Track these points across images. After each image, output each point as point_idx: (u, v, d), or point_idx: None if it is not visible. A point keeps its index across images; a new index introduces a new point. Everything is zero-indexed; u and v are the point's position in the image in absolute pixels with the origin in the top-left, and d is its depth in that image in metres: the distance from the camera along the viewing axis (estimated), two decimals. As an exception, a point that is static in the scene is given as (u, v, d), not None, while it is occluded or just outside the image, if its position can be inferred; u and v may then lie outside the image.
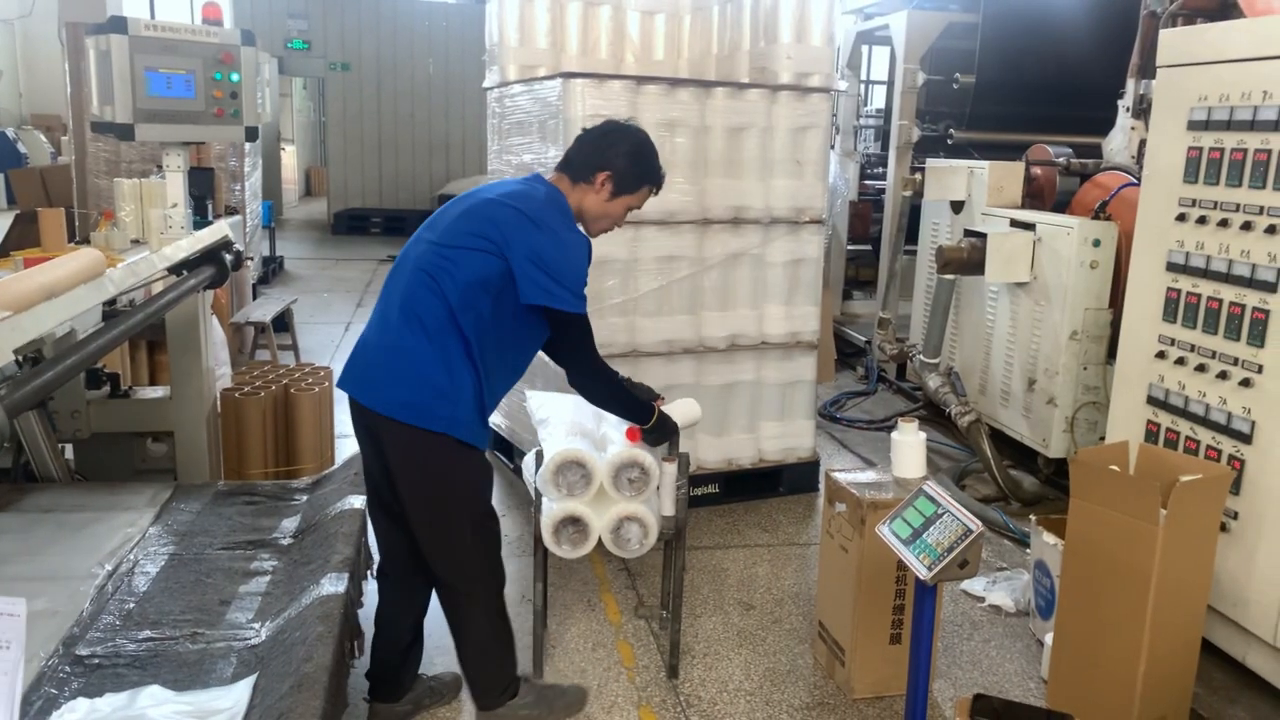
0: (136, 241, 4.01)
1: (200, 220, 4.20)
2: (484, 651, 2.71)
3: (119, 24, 3.37)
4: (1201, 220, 3.22)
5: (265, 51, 14.12)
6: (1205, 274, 3.22)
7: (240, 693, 2.31)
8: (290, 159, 19.59)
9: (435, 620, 2.87)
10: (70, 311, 2.52)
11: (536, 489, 2.91)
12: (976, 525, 2.33)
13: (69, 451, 4.02)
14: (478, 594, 2.68)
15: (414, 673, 2.92)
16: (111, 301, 3.75)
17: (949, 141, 6.78)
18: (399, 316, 2.55)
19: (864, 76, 8.40)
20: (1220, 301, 3.17)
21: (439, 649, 3.09)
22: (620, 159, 2.72)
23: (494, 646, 2.72)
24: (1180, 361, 3.32)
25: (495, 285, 2.53)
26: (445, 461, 2.55)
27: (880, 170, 7.61)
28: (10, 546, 3.06)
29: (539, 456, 2.92)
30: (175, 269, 3.46)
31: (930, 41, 6.58)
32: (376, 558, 2.91)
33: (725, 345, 4.51)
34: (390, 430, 2.52)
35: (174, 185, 3.64)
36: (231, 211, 7.82)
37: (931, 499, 2.49)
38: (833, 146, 7.27)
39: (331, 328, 8.53)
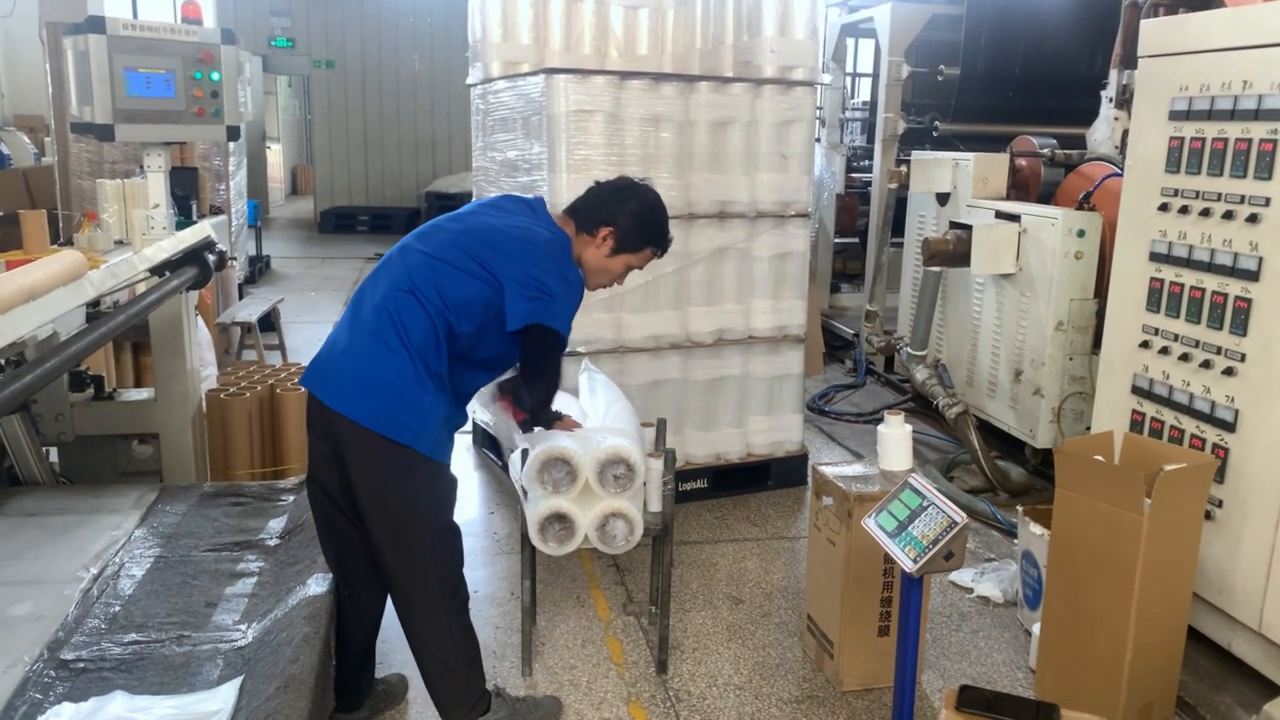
0: (120, 242, 3.99)
1: (184, 220, 4.18)
2: (445, 666, 2.64)
3: (97, 23, 3.35)
4: (1184, 210, 3.23)
5: (249, 50, 14.08)
6: (1188, 263, 3.23)
7: (226, 695, 2.30)
8: (276, 157, 19.51)
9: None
10: (48, 314, 2.50)
11: (523, 486, 2.91)
12: (961, 517, 2.34)
13: (54, 454, 4.00)
14: (436, 608, 2.60)
15: (371, 681, 2.89)
16: (95, 303, 3.73)
17: (934, 134, 6.79)
18: (376, 321, 2.49)
19: (849, 69, 8.41)
20: (1203, 291, 3.18)
21: (383, 649, 3.05)
22: (625, 217, 2.70)
23: (455, 662, 2.64)
24: (1164, 351, 3.34)
25: (480, 311, 2.51)
26: (407, 472, 2.49)
27: (866, 163, 7.61)
28: (-5, 550, 3.05)
29: (524, 454, 2.91)
30: (157, 270, 3.44)
31: (915, 34, 6.59)
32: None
33: (712, 340, 4.51)
34: (353, 435, 2.46)
35: (155, 186, 3.63)
36: (216, 211, 7.79)
37: (917, 491, 2.49)
38: (819, 140, 7.28)
39: (319, 326, 8.49)
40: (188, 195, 6.26)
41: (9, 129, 13.01)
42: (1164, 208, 3.32)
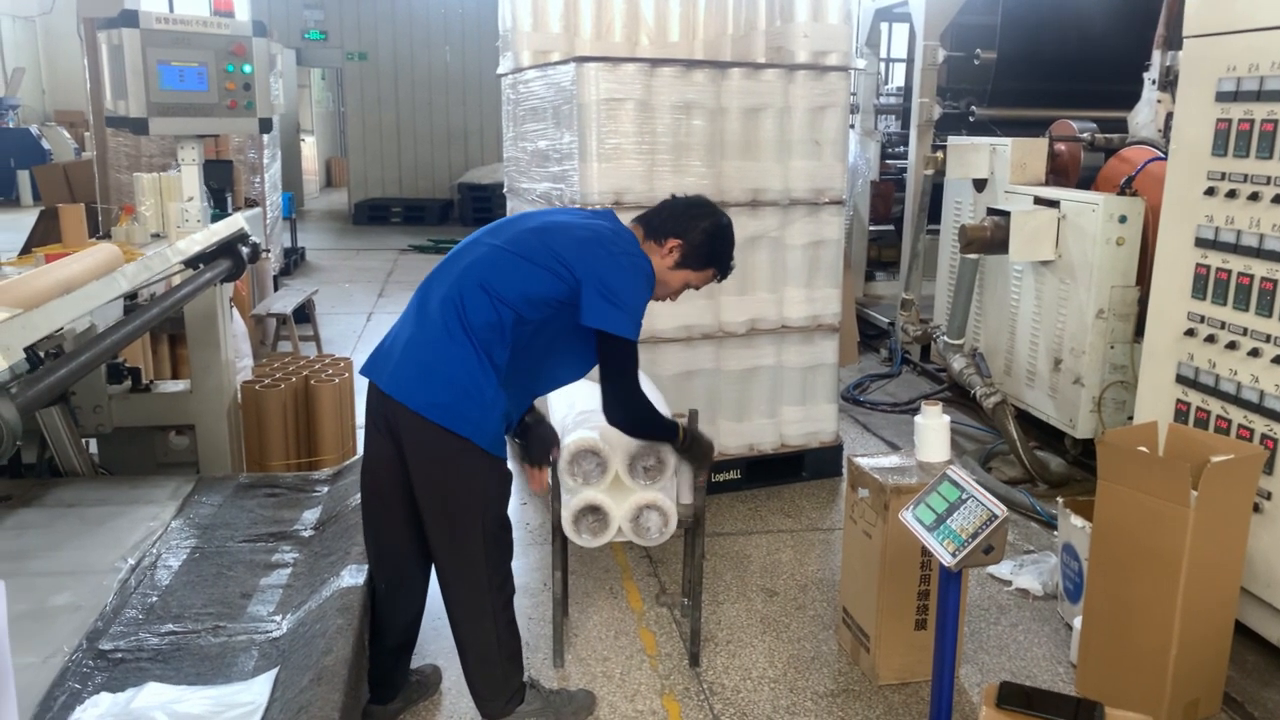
0: (157, 236, 4.02)
1: (219, 213, 4.21)
2: (486, 660, 2.65)
3: (130, 18, 3.37)
4: (1231, 194, 3.15)
5: (282, 43, 14.12)
6: (1235, 249, 3.14)
7: (261, 686, 2.31)
8: (310, 150, 19.64)
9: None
10: (81, 308, 2.52)
11: (555, 478, 2.90)
12: (1001, 510, 2.29)
13: (93, 445, 4.05)
14: (483, 601, 2.61)
15: (406, 672, 2.89)
16: (133, 296, 3.77)
17: (970, 119, 6.68)
18: (441, 312, 2.49)
19: (883, 54, 8.29)
20: (1251, 277, 3.09)
21: (418, 640, 3.03)
22: (696, 234, 2.69)
23: (497, 655, 2.65)
24: (1210, 339, 3.25)
25: (553, 305, 2.51)
26: (466, 465, 2.49)
27: (901, 149, 7.50)
28: (35, 541, 3.09)
29: (555, 445, 2.90)
30: (191, 262, 3.46)
31: (950, 17, 6.47)
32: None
33: (745, 330, 4.47)
34: (414, 427, 2.47)
35: (189, 178, 3.65)
36: (251, 204, 7.86)
37: (956, 484, 2.44)
38: (853, 126, 7.19)
39: (353, 318, 8.55)
40: (223, 188, 6.30)
41: (50, 124, 13.23)
42: (1210, 192, 3.23)
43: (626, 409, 2.68)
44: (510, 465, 2.66)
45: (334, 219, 16.08)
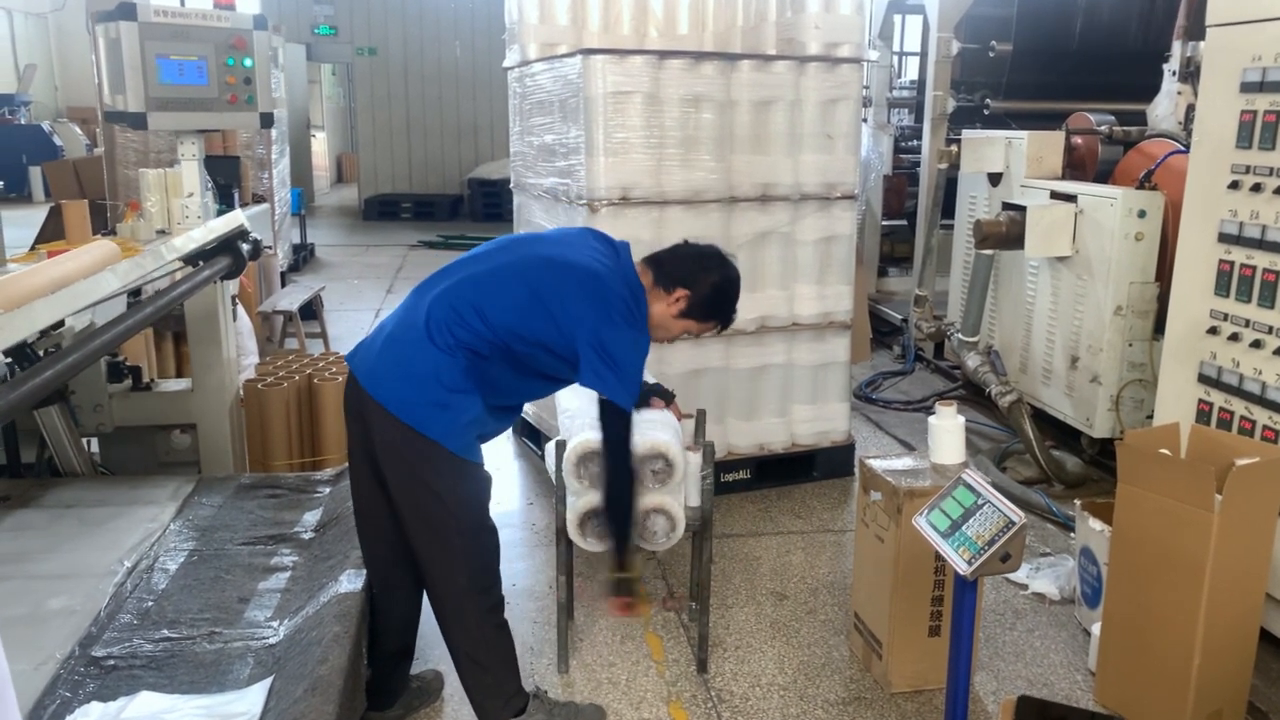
0: (162, 232, 3.97)
1: (225, 209, 4.15)
2: (477, 664, 2.59)
3: (128, 10, 3.30)
4: (1256, 188, 3.05)
5: (292, 38, 14.04)
6: (1260, 244, 3.04)
7: (255, 696, 2.25)
8: (321, 146, 19.62)
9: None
10: (68, 307, 2.46)
11: (560, 479, 2.83)
12: (1019, 516, 2.21)
13: (93, 445, 4.00)
14: (466, 606, 2.55)
15: (405, 679, 2.84)
16: (136, 293, 3.71)
17: (985, 112, 6.57)
18: (429, 317, 2.45)
19: (896, 47, 8.19)
20: (1276, 273, 3.00)
21: (420, 645, 2.97)
22: (704, 286, 2.64)
23: (487, 659, 2.59)
24: (1234, 337, 3.16)
25: (542, 348, 2.47)
26: (433, 467, 2.43)
27: (915, 143, 7.40)
28: (33, 543, 3.04)
29: (560, 446, 2.83)
30: (190, 259, 3.40)
31: (964, 9, 6.36)
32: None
33: (754, 327, 4.39)
34: (382, 422, 2.42)
35: (189, 174, 3.59)
36: (259, 200, 7.82)
37: (971, 488, 2.36)
38: (865, 119, 7.09)
39: (361, 314, 8.50)
40: (229, 184, 6.27)
41: (61, 120, 13.23)
42: (1235, 185, 3.13)
43: (612, 467, 2.58)
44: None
45: (344, 215, 16.06)
